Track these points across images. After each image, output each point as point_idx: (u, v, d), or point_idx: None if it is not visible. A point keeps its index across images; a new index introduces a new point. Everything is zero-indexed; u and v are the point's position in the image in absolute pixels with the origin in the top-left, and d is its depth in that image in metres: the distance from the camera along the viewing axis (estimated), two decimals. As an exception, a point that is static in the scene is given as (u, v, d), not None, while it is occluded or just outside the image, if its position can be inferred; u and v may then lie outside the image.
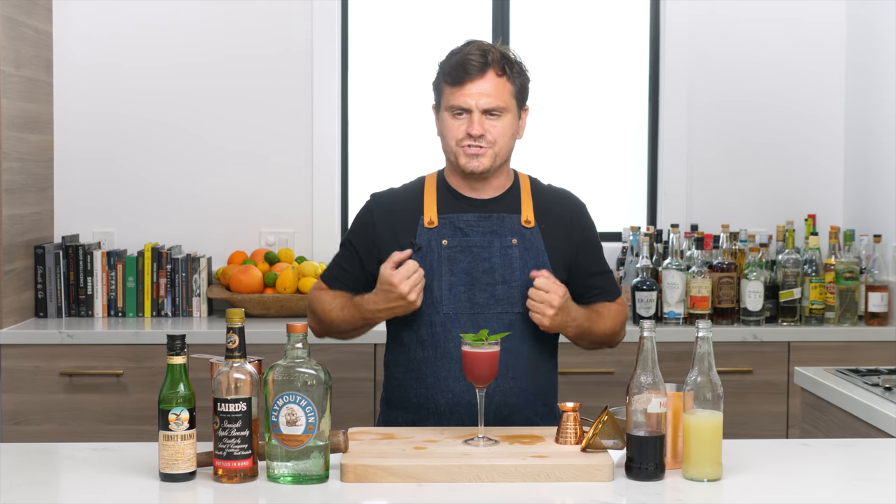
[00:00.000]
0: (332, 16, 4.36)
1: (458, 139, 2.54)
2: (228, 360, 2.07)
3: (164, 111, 4.34)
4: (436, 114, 2.63)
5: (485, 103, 2.51)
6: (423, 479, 2.06)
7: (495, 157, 2.54)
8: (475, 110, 2.51)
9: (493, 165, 2.55)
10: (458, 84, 2.51)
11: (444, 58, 2.59)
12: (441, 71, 2.57)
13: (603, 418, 2.15)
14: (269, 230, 4.37)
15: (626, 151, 4.57)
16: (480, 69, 2.50)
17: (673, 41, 4.42)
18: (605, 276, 2.69)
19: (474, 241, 2.57)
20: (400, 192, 2.67)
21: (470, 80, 2.50)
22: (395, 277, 2.45)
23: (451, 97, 2.53)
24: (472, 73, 2.50)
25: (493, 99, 2.51)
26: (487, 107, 2.51)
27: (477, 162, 2.53)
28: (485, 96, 2.51)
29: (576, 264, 2.63)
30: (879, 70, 4.18)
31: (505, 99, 2.53)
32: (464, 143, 2.53)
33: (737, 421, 3.75)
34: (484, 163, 2.53)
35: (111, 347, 3.80)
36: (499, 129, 2.53)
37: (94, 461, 2.20)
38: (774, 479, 2.11)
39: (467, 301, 2.54)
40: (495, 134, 2.52)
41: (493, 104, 2.51)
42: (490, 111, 2.52)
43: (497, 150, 2.54)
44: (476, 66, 2.50)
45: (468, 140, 2.52)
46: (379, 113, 4.51)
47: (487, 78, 2.51)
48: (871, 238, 4.09)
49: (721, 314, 4.02)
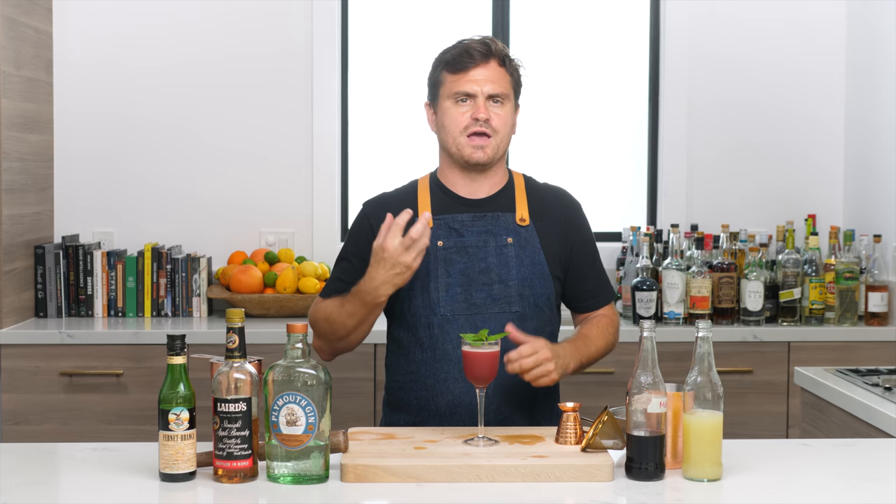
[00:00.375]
0: (332, 16, 4.36)
1: (462, 127, 2.54)
2: (228, 360, 2.07)
3: (164, 111, 4.34)
4: (430, 110, 2.63)
5: (490, 89, 2.53)
6: (423, 479, 2.06)
7: (497, 148, 2.56)
8: (480, 95, 2.53)
9: (496, 156, 2.56)
10: (462, 71, 2.53)
11: (440, 54, 2.60)
12: (441, 61, 2.59)
13: (603, 418, 2.15)
14: (269, 230, 4.37)
15: (626, 151, 4.57)
16: (485, 56, 2.54)
17: (673, 41, 4.42)
18: (599, 277, 2.68)
19: (469, 242, 2.57)
20: (393, 196, 2.67)
21: (475, 66, 2.53)
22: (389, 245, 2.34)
23: (454, 84, 2.54)
24: (476, 59, 2.53)
25: (497, 85, 2.54)
26: (492, 92, 2.53)
27: (482, 153, 2.54)
28: (489, 82, 2.53)
29: (570, 263, 2.63)
30: (879, 70, 4.18)
31: (507, 87, 2.56)
32: (469, 130, 2.53)
33: (737, 421, 3.75)
34: (488, 153, 2.54)
35: (111, 347, 3.80)
36: (502, 117, 2.55)
37: (94, 461, 2.20)
38: (774, 479, 2.11)
39: (464, 302, 2.54)
40: (498, 122, 2.54)
41: (497, 90, 2.54)
42: (494, 97, 2.54)
43: (499, 140, 2.55)
44: (481, 54, 2.54)
45: (474, 126, 2.53)
46: (379, 113, 4.51)
47: (490, 66, 2.54)
48: (871, 238, 4.09)
49: (721, 314, 4.02)
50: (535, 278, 2.57)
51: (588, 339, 2.57)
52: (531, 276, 2.57)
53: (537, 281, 2.57)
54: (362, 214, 2.66)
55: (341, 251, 2.67)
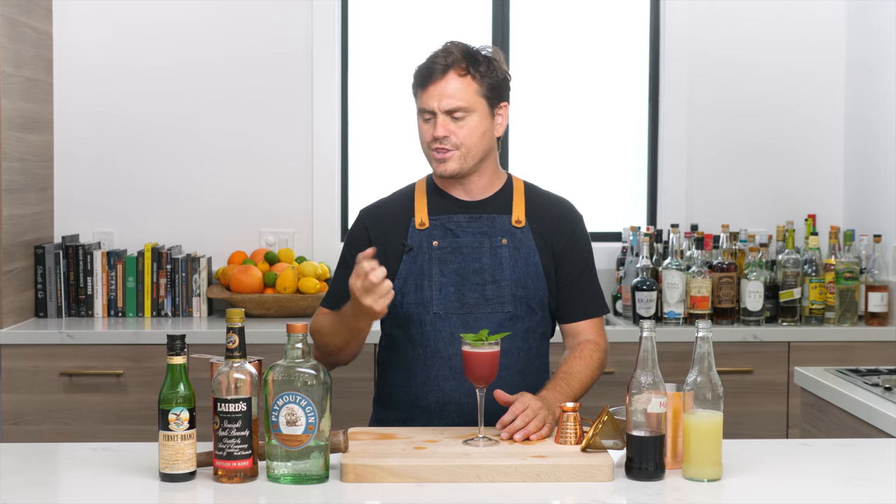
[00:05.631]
0: (332, 16, 4.36)
1: (426, 143, 2.54)
2: (228, 360, 2.07)
3: (164, 111, 4.34)
4: None
5: (446, 104, 2.48)
6: (423, 479, 2.06)
7: (464, 159, 2.52)
8: (438, 112, 2.49)
9: (464, 167, 2.53)
10: (422, 87, 2.52)
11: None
12: (414, 74, 2.57)
13: (603, 418, 2.15)
14: (269, 230, 4.37)
15: (626, 151, 4.57)
16: (442, 70, 2.49)
17: (673, 41, 4.42)
18: (586, 289, 2.61)
19: (464, 242, 2.57)
20: (389, 201, 2.68)
21: (432, 82, 2.49)
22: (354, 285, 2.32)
23: (419, 100, 2.54)
24: (434, 74, 2.49)
25: (454, 100, 2.48)
26: (449, 108, 2.49)
27: (444, 166, 2.52)
28: (446, 97, 2.48)
29: (558, 267, 2.60)
30: (879, 70, 4.18)
31: (468, 99, 2.49)
32: (433, 145, 2.52)
33: (737, 421, 3.75)
34: (451, 166, 2.51)
35: (111, 347, 3.80)
36: (464, 132, 2.50)
37: (94, 461, 2.20)
38: (774, 479, 2.11)
39: (457, 301, 2.55)
40: (461, 136, 2.50)
41: (454, 104, 2.48)
42: (452, 112, 2.49)
43: (465, 151, 2.51)
44: (439, 67, 2.49)
45: (435, 143, 2.51)
46: (379, 113, 4.51)
47: (448, 79, 2.49)
48: (871, 238, 4.09)
49: (721, 314, 4.02)
50: (529, 279, 2.56)
51: (570, 376, 2.50)
52: (525, 276, 2.56)
53: (531, 282, 2.56)
54: (359, 222, 2.67)
55: (339, 259, 2.68)
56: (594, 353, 2.58)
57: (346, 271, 2.60)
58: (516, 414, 2.28)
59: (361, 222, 2.65)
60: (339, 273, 2.65)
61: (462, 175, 2.55)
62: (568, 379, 2.50)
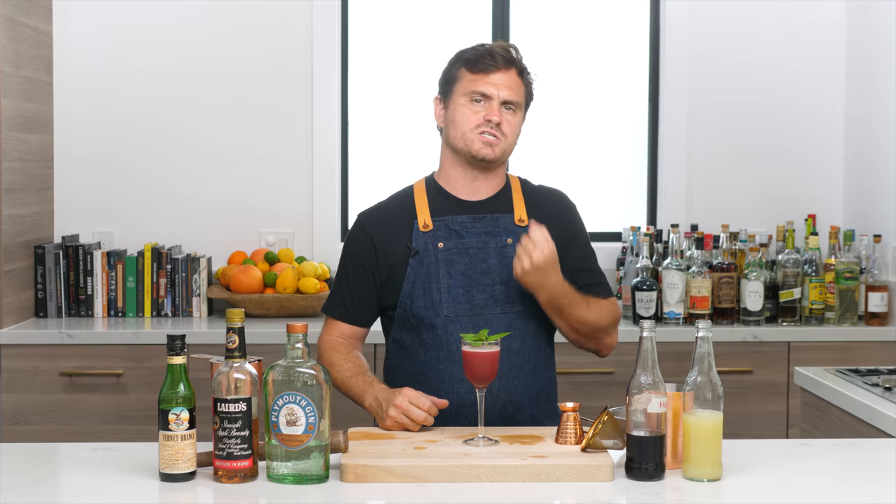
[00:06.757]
0: (332, 16, 4.36)
1: (474, 125, 2.56)
2: (228, 360, 2.07)
3: (164, 111, 4.34)
4: (440, 104, 2.63)
5: (506, 94, 2.56)
6: (423, 479, 2.06)
7: (504, 152, 2.58)
8: (496, 98, 2.56)
9: (502, 158, 2.59)
10: (482, 72, 2.56)
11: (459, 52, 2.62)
12: (460, 58, 2.60)
13: (603, 418, 2.15)
14: (269, 230, 4.37)
15: (626, 151, 4.57)
16: (507, 63, 2.58)
17: (673, 41, 4.42)
18: (592, 274, 2.65)
19: (470, 243, 2.57)
20: (388, 204, 2.68)
21: (496, 69, 2.56)
22: (397, 416, 2.36)
23: (471, 83, 2.56)
24: (498, 63, 2.57)
25: (513, 92, 2.57)
26: (508, 98, 2.56)
27: (490, 150, 2.56)
28: (507, 88, 2.56)
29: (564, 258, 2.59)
30: (879, 70, 4.18)
31: (521, 98, 2.60)
32: (480, 129, 2.55)
33: (737, 421, 3.75)
34: (496, 152, 2.56)
35: (111, 347, 3.80)
36: (511, 125, 2.57)
37: (94, 461, 2.21)
38: (774, 479, 2.11)
39: (467, 303, 2.55)
40: (507, 129, 2.57)
41: (512, 97, 2.57)
42: (508, 103, 2.57)
43: (507, 144, 2.58)
44: (502, 59, 2.57)
45: (485, 126, 2.55)
46: (379, 113, 4.51)
47: (510, 73, 2.58)
48: (871, 238, 4.09)
49: (721, 314, 4.02)
50: None
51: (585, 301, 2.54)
52: None
53: None
54: (358, 226, 2.66)
55: (339, 265, 2.67)
56: (606, 309, 2.60)
57: (348, 277, 2.62)
58: (520, 242, 2.42)
59: (362, 228, 2.64)
60: (340, 279, 2.65)
61: (496, 165, 2.60)
62: (586, 297, 2.55)
